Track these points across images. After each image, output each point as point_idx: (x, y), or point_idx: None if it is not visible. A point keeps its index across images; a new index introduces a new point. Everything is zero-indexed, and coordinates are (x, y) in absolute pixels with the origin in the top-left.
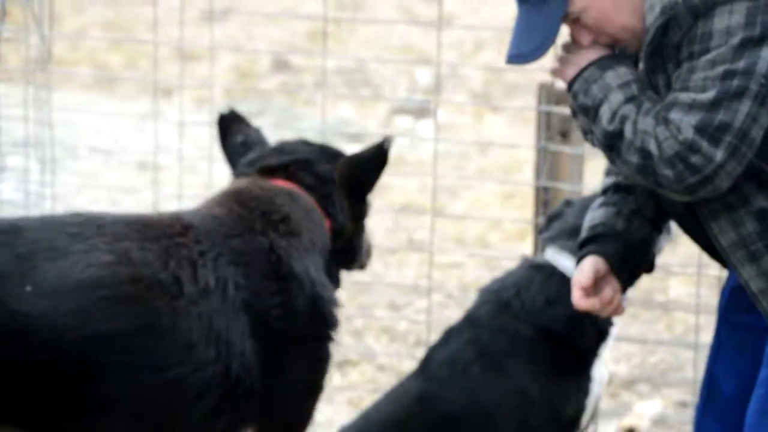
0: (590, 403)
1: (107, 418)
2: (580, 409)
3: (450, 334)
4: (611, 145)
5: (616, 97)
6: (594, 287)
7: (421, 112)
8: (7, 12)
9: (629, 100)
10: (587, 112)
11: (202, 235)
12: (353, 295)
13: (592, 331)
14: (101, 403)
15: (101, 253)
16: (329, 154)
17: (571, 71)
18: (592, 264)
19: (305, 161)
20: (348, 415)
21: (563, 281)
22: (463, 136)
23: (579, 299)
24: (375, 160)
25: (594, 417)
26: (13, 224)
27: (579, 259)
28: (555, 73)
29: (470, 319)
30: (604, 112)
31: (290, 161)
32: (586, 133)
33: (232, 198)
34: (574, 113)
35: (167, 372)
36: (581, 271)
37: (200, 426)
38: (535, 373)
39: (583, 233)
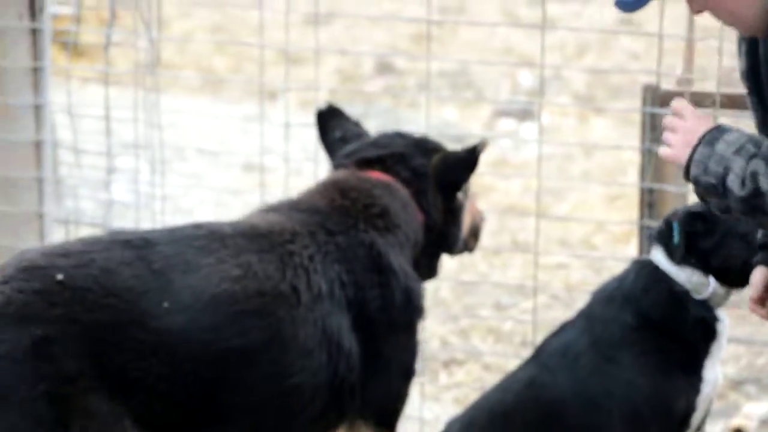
0: (701, 402)
1: (230, 428)
2: (690, 407)
3: (564, 326)
4: (753, 207)
5: (738, 163)
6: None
7: (524, 114)
8: (116, 16)
9: (751, 158)
10: (715, 190)
11: (308, 238)
12: (459, 295)
13: (694, 321)
14: (226, 414)
15: (230, 267)
16: (424, 148)
17: (683, 152)
18: (761, 273)
19: (401, 155)
20: (454, 412)
21: (658, 272)
22: (567, 139)
23: (753, 309)
24: (467, 160)
25: (705, 419)
26: (144, 238)
27: (755, 265)
28: (665, 155)
29: (583, 313)
30: (732, 182)
31: (386, 154)
32: (724, 212)
33: (332, 188)
34: (703, 198)
35: (288, 380)
36: (752, 283)
37: (308, 427)
38: (644, 364)
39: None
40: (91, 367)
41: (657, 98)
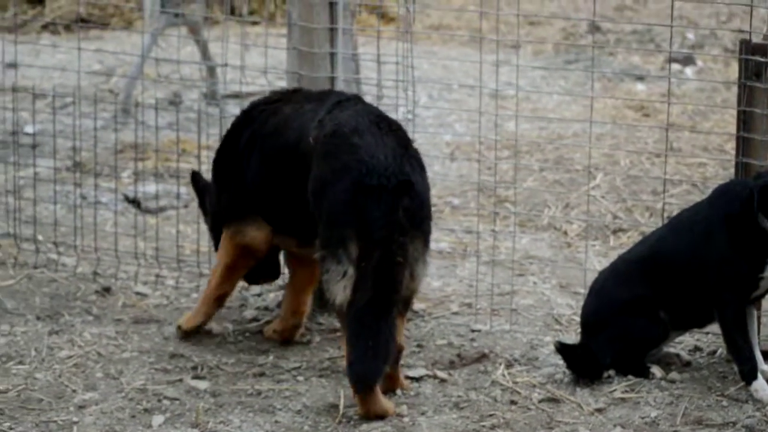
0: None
1: None
2: (755, 282)
3: (694, 206)
4: None
5: None
6: None
7: (687, 60)
8: None
9: None
10: None
11: None
12: (628, 184)
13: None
14: None
15: None
16: None
17: None
18: None
19: None
20: None
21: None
22: (715, 78)
23: None
24: None
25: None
26: None
27: None
28: None
29: (706, 200)
30: None
31: None
32: None
33: None
34: None
35: None
36: None
37: None
38: (734, 244)
39: None
40: None
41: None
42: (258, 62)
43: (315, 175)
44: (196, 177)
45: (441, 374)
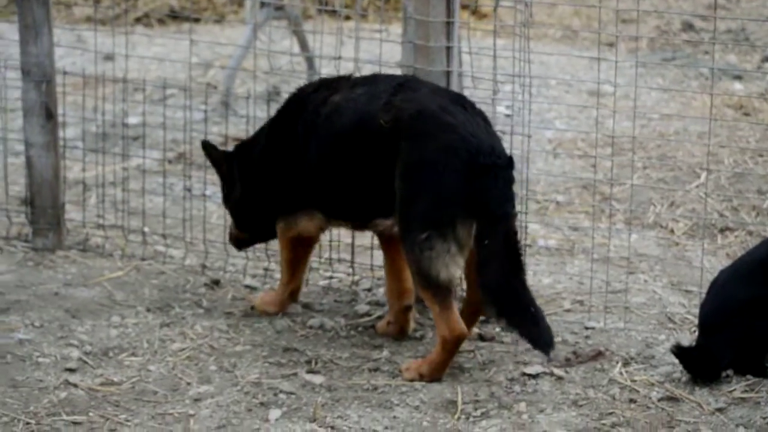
0: None
1: None
2: None
3: None
4: None
5: None
6: None
7: None
8: None
9: None
10: None
11: None
12: (733, 183)
13: None
14: None
15: None
16: None
17: None
18: None
19: None
20: (725, 264)
21: None
22: None
23: None
24: None
25: None
26: None
27: None
28: None
29: None
30: None
31: None
32: None
33: None
34: None
35: None
36: None
37: None
38: None
39: None
40: None
41: None
42: (354, 56)
43: (410, 157)
44: (208, 146)
45: (558, 372)
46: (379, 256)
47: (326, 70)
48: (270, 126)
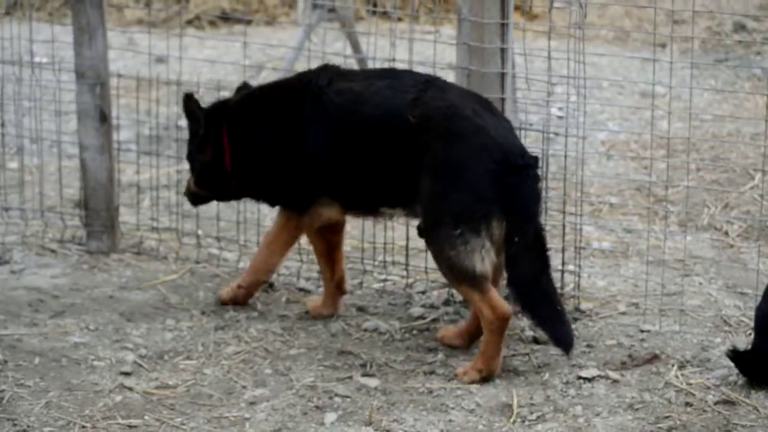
0: None
1: None
2: None
3: None
4: None
5: None
6: None
7: None
8: None
9: None
10: None
11: None
12: None
13: None
14: None
15: None
16: None
17: None
18: None
19: None
20: None
21: None
22: None
23: None
24: None
25: None
26: None
27: None
28: None
29: None
30: None
31: None
32: None
33: None
34: None
35: None
36: None
37: None
38: None
39: None
40: None
41: None
42: (406, 57)
43: (444, 156)
44: (191, 99)
45: (613, 375)
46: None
47: None
48: (267, 104)
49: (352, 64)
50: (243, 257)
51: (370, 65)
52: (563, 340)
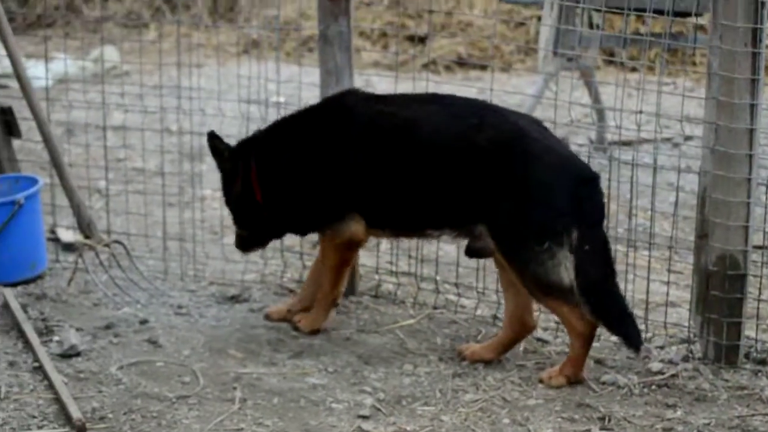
0: None
1: None
2: None
3: None
4: None
5: None
6: None
7: None
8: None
9: None
10: None
11: None
12: None
13: None
14: None
15: None
16: None
17: None
18: None
19: None
20: None
21: None
22: None
23: None
24: None
25: None
26: None
27: None
28: None
29: None
30: None
31: None
32: None
33: None
34: None
35: None
36: None
37: None
38: None
39: None
40: None
41: None
42: (638, 108)
43: (522, 176)
44: (214, 138)
45: None
46: (674, 313)
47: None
48: (298, 130)
49: (589, 114)
50: (480, 304)
51: (609, 115)
52: (634, 339)
